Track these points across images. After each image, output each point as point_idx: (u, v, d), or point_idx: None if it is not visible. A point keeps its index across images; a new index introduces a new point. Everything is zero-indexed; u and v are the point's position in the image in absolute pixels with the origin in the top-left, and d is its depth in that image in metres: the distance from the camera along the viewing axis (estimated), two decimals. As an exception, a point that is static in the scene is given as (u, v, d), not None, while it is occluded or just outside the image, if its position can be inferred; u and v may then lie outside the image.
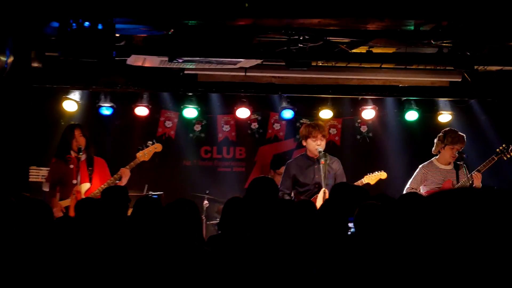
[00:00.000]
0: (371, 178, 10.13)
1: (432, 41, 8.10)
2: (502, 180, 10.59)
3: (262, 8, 7.08)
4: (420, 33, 7.92)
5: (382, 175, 10.21)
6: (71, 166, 9.84)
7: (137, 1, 7.08)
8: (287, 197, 9.65)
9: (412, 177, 9.95)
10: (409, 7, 7.21)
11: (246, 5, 6.85)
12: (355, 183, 9.88)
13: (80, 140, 9.84)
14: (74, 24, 7.03)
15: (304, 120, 11.95)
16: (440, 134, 9.95)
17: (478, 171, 9.71)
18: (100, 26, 7.06)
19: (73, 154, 9.86)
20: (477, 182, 9.66)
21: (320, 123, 10.06)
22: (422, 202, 1.73)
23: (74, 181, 9.78)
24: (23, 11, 7.30)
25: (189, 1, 7.08)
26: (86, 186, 9.82)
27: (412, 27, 7.76)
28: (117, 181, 9.74)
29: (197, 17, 7.38)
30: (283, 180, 9.89)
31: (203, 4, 7.09)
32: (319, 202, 9.38)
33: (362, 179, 10.08)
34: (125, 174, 9.81)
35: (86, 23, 7.03)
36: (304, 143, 9.83)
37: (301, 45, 8.54)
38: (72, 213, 9.20)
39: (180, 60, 8.94)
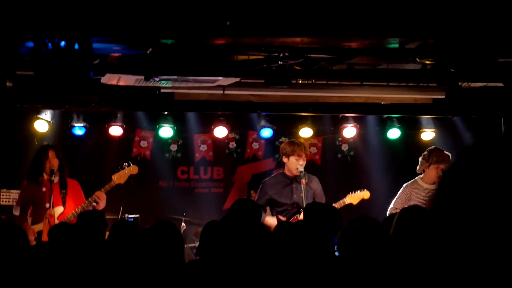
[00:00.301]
0: (353, 198, 9.87)
1: (417, 59, 7.88)
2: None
3: (244, 27, 6.83)
4: (405, 50, 7.71)
5: (365, 194, 9.95)
6: (44, 189, 9.55)
7: (114, 20, 6.80)
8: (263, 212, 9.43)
9: (396, 196, 9.75)
10: (394, 25, 6.98)
11: (228, 23, 6.60)
12: (337, 203, 9.67)
13: (53, 161, 9.55)
14: (49, 44, 6.75)
15: (283, 139, 11.70)
16: (425, 152, 9.77)
17: None
18: (76, 46, 6.78)
19: (45, 176, 9.56)
20: None
21: (303, 143, 9.85)
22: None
23: (47, 205, 9.48)
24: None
25: (168, 20, 6.82)
26: (59, 209, 9.51)
27: (396, 45, 7.53)
28: (94, 204, 9.43)
29: (175, 36, 7.12)
30: (259, 198, 9.66)
31: (182, 23, 6.82)
32: (300, 222, 9.17)
33: (345, 199, 9.82)
34: (102, 198, 9.50)
35: (62, 43, 6.75)
36: (284, 160, 9.61)
37: (281, 62, 8.29)
38: (45, 238, 8.91)
39: (157, 79, 8.69)
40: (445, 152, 9.69)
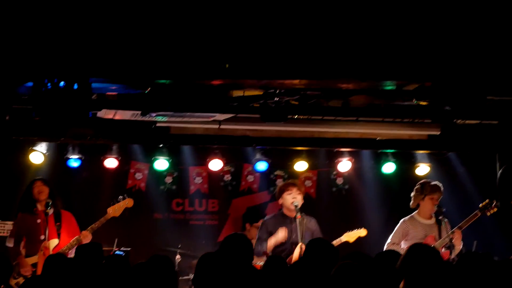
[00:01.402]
0: (350, 236, 9.78)
1: (414, 100, 7.91)
2: (481, 234, 10.40)
3: (242, 69, 6.87)
4: (402, 92, 7.75)
5: (362, 232, 9.88)
6: (38, 220, 9.52)
7: (113, 61, 6.84)
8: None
9: (394, 231, 9.75)
10: (392, 68, 7.03)
11: (227, 66, 6.64)
12: (334, 241, 9.58)
13: (42, 188, 9.53)
14: (49, 84, 6.79)
15: (278, 172, 11.73)
16: (417, 186, 9.81)
17: (459, 228, 9.52)
18: (75, 86, 6.81)
19: (39, 207, 9.53)
20: (457, 241, 9.47)
21: (295, 181, 9.86)
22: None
23: (42, 237, 9.45)
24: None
25: (166, 61, 6.86)
26: (54, 242, 9.50)
27: (394, 87, 7.58)
28: (79, 241, 9.40)
29: (173, 77, 7.16)
30: (260, 239, 9.63)
31: (180, 64, 6.87)
32: (295, 258, 9.15)
33: (341, 237, 9.76)
34: (87, 238, 9.46)
35: (62, 83, 6.78)
36: (280, 202, 9.62)
37: (277, 99, 8.33)
38: (40, 270, 8.86)
39: (153, 114, 8.71)
40: (437, 182, 9.77)
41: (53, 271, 6.54)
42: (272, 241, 9.37)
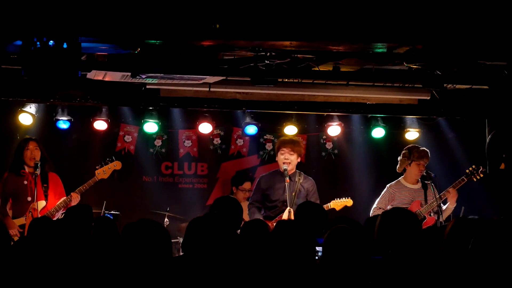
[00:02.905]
0: (337, 204, 9.91)
1: (405, 63, 7.90)
2: (469, 200, 10.44)
3: (232, 30, 6.85)
4: (393, 55, 7.74)
5: (349, 202, 9.99)
6: (25, 182, 9.51)
7: (103, 20, 6.80)
8: (256, 211, 9.66)
9: (380, 196, 9.85)
10: (382, 30, 7.03)
11: (217, 26, 6.61)
12: (321, 206, 9.70)
13: (35, 152, 9.51)
14: (38, 43, 6.75)
15: (268, 136, 11.74)
16: (404, 151, 9.87)
17: (453, 187, 9.59)
18: (65, 45, 6.77)
19: (27, 169, 9.51)
20: (452, 200, 9.54)
21: (294, 139, 9.91)
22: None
23: (29, 198, 9.45)
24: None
25: (156, 21, 6.82)
26: (42, 203, 9.52)
27: (384, 50, 7.56)
28: (68, 202, 9.43)
29: (163, 37, 7.12)
30: (254, 192, 9.95)
31: (171, 24, 6.84)
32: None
33: (329, 204, 9.86)
34: (75, 199, 9.47)
35: (51, 42, 6.75)
36: (276, 158, 9.72)
37: (268, 62, 8.30)
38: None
39: (143, 76, 8.68)
40: (424, 148, 9.82)
41: (39, 234, 6.53)
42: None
